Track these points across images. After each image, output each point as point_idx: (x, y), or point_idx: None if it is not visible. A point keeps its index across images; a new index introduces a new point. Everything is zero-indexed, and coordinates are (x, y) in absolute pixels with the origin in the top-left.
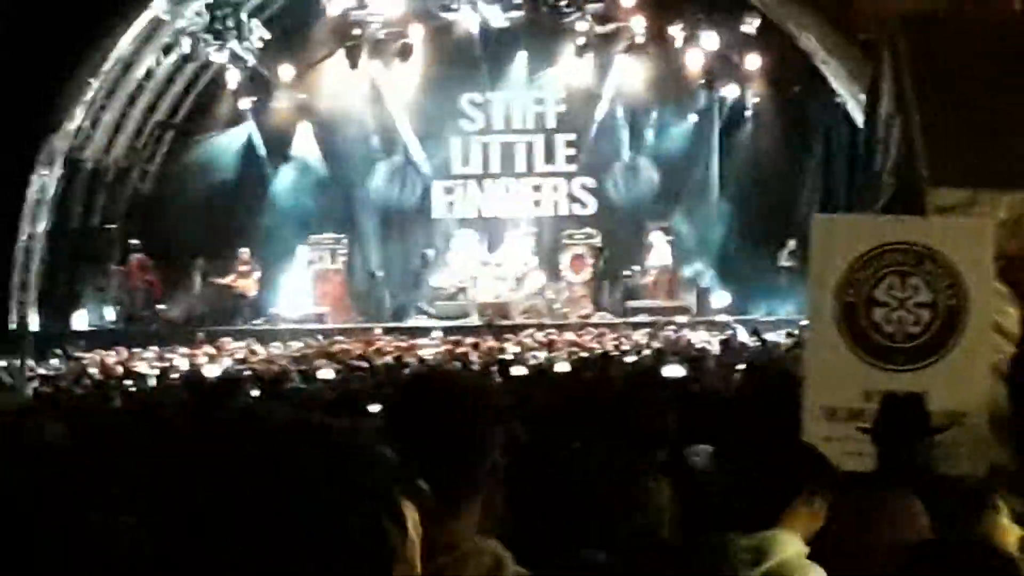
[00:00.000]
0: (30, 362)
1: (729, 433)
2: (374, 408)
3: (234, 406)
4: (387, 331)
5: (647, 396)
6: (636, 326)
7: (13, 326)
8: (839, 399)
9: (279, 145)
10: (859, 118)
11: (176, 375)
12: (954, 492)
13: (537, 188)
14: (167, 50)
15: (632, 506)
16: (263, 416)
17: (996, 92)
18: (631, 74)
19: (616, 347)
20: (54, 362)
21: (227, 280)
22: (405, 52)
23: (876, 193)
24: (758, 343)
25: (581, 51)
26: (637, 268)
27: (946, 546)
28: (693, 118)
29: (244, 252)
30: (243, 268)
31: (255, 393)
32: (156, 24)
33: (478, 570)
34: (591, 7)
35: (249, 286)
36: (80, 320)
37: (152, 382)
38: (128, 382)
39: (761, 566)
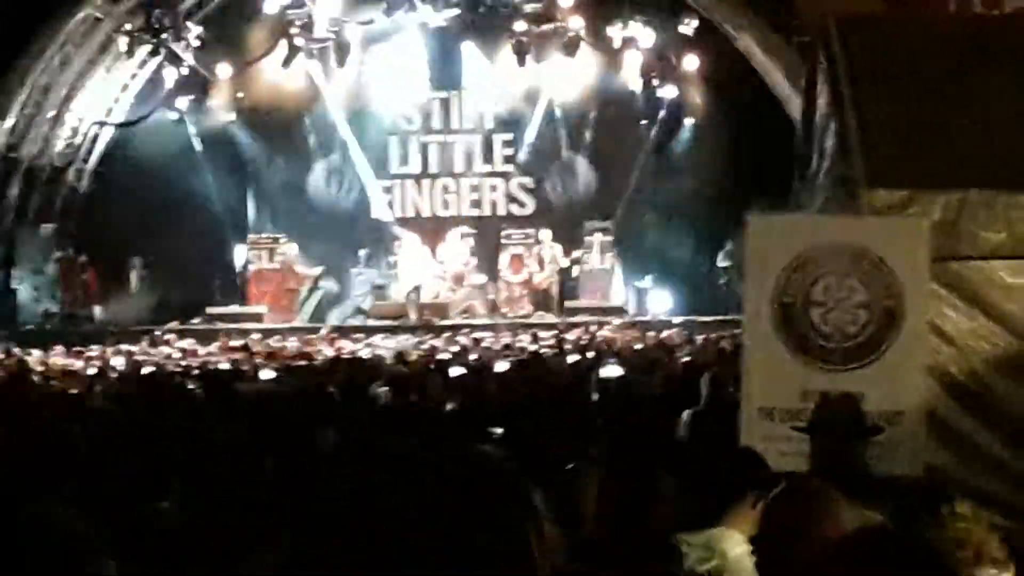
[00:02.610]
0: None
1: (666, 433)
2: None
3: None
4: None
5: (583, 396)
6: (573, 326)
7: None
8: (777, 399)
9: (216, 144)
10: (796, 119)
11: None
12: (893, 492)
13: (475, 188)
14: (103, 48)
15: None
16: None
17: (931, 93)
18: (569, 74)
19: (554, 347)
20: None
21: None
22: (342, 52)
23: (812, 194)
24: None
25: (519, 51)
26: (576, 267)
27: (871, 541)
28: (631, 118)
29: (292, 246)
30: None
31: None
32: (92, 22)
33: None
34: (529, 7)
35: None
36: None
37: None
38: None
39: (709, 563)
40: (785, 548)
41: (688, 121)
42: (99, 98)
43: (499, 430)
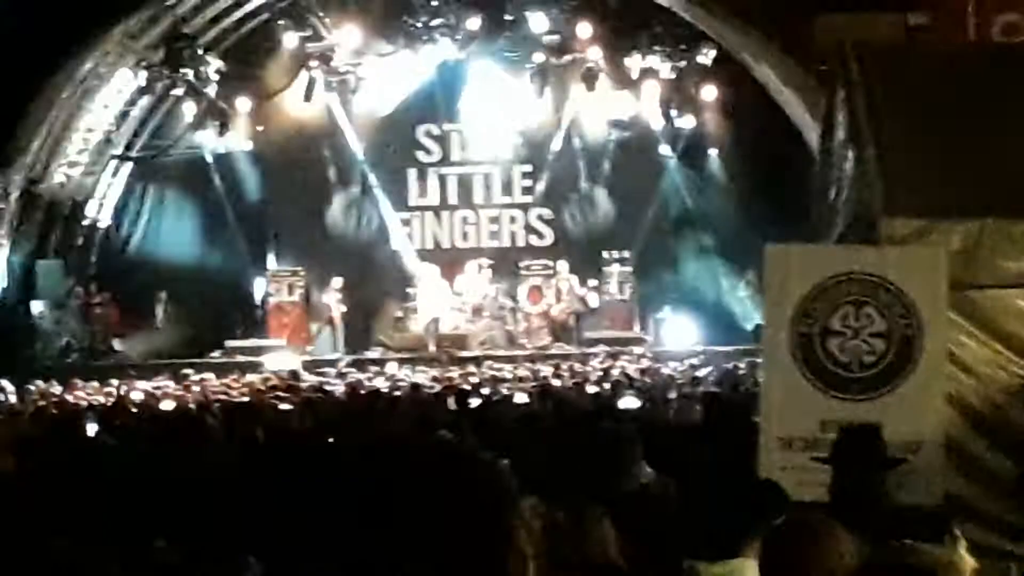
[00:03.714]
0: None
1: (687, 464)
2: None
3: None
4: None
5: (602, 428)
6: (593, 357)
7: None
8: (795, 429)
9: (236, 177)
10: (815, 147)
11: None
12: (911, 521)
13: (494, 219)
14: (123, 84)
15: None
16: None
17: (950, 122)
18: (587, 105)
19: (575, 378)
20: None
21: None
22: (361, 84)
23: (830, 223)
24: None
25: (538, 83)
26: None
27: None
28: (650, 149)
29: (338, 280)
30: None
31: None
32: (112, 57)
33: None
34: (548, 39)
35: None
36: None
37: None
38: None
39: None
40: None
41: (707, 151)
42: (119, 133)
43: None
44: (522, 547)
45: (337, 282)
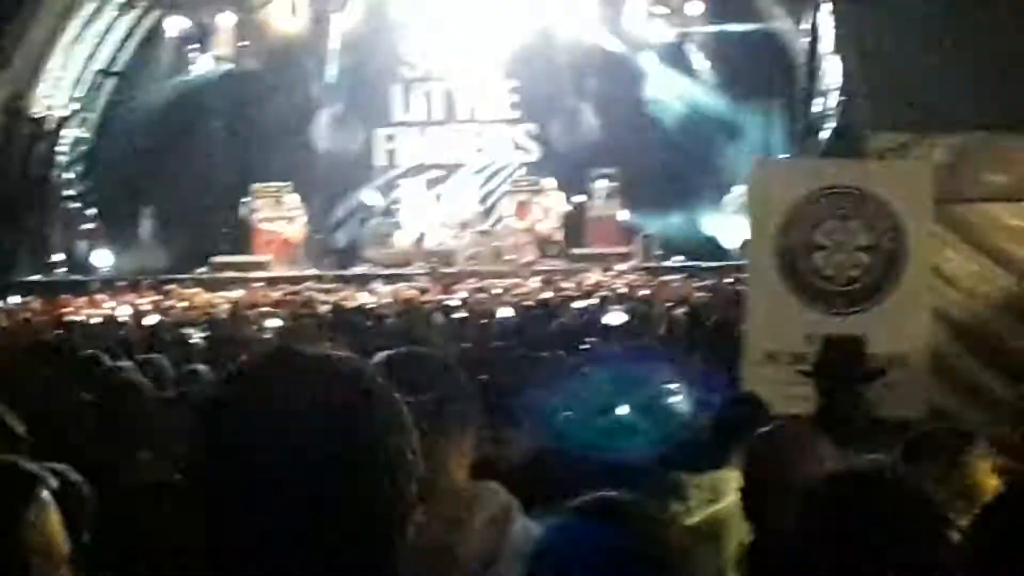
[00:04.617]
0: None
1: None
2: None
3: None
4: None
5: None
6: (579, 272)
7: None
8: (780, 343)
9: (219, 93)
10: (800, 61)
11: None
12: (923, 436)
13: (479, 135)
14: None
15: None
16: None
17: (934, 36)
18: (572, 18)
19: (559, 293)
20: None
21: (273, 227)
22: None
23: (815, 136)
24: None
25: None
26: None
27: (843, 477)
28: (633, 63)
29: (293, 197)
30: (290, 213)
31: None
32: None
33: (489, 512)
34: None
35: (296, 232)
36: (22, 271)
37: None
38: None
39: (716, 505)
40: (765, 490)
41: (690, 61)
42: (102, 48)
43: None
44: None
45: (294, 199)
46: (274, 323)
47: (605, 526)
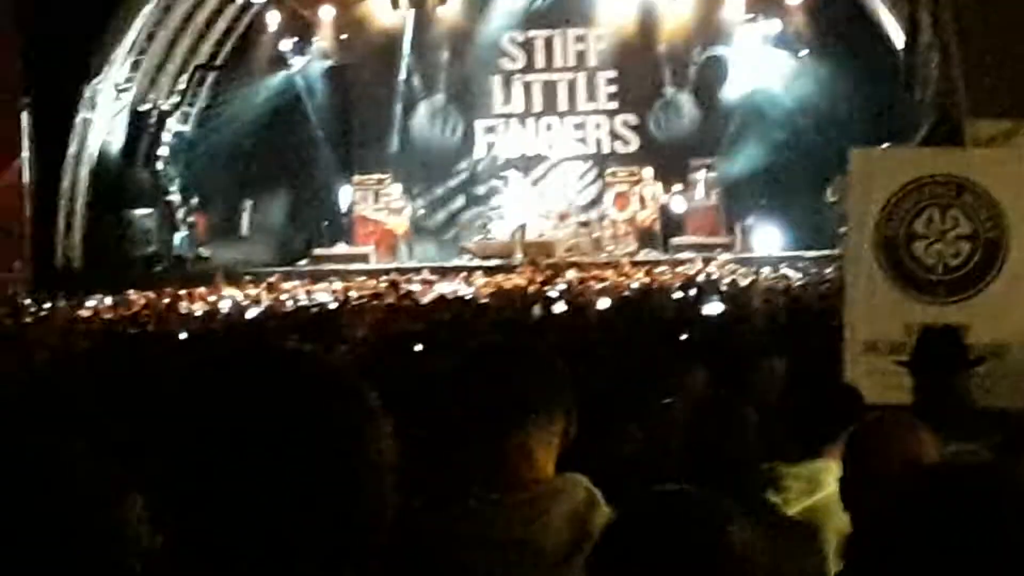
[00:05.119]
0: None
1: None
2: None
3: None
4: (439, 271)
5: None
6: (680, 263)
7: (58, 267)
8: (880, 333)
9: (319, 86)
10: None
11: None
12: (995, 425)
13: (579, 126)
14: None
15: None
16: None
17: None
18: (673, 9)
19: (659, 284)
20: (91, 303)
21: (376, 217)
22: None
23: (915, 125)
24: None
25: None
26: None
27: (945, 469)
28: (735, 53)
29: (396, 188)
30: (394, 204)
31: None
32: None
33: (570, 505)
34: None
35: (400, 224)
36: (127, 262)
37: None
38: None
39: (814, 496)
40: (864, 477)
41: (794, 54)
42: (203, 43)
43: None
44: None
45: (397, 190)
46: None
47: (662, 519)
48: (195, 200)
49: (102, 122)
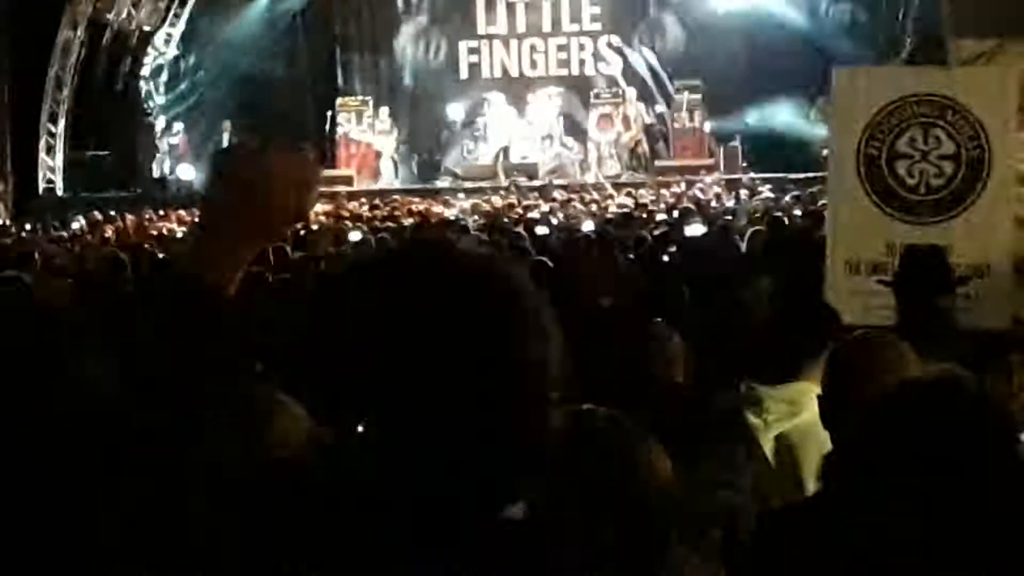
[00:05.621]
0: None
1: (746, 288)
2: None
3: None
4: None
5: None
6: (663, 185)
7: (40, 191)
8: (862, 252)
9: (303, 7)
10: None
11: None
12: (975, 345)
13: (563, 47)
14: None
15: (646, 357)
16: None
17: None
18: None
19: (642, 206)
20: (76, 226)
21: (363, 139)
22: None
23: (898, 44)
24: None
25: None
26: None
27: (923, 386)
28: None
29: (384, 110)
30: (382, 126)
31: None
32: None
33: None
34: None
35: (388, 146)
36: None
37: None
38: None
39: (796, 418)
40: (845, 397)
41: None
42: None
43: None
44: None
45: (384, 112)
46: (355, 236)
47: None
48: (177, 122)
49: (83, 43)
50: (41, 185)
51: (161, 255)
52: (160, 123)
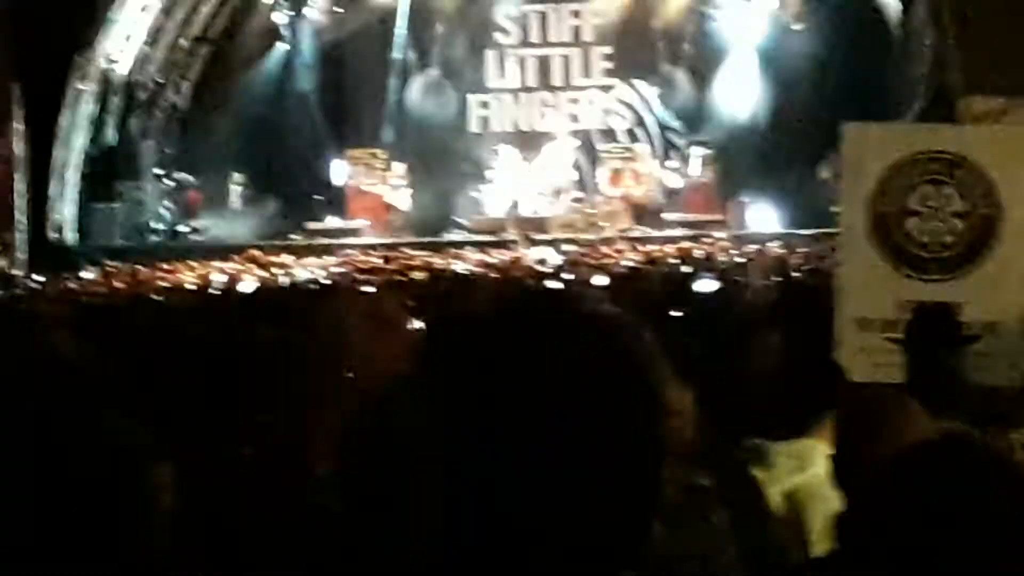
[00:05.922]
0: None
1: (759, 344)
2: None
3: None
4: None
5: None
6: (673, 240)
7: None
8: (873, 310)
9: (313, 59)
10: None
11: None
12: (989, 403)
13: (574, 102)
14: None
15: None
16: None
17: None
18: None
19: (652, 261)
20: (86, 276)
21: (375, 191)
22: None
23: (910, 101)
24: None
25: None
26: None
27: (934, 444)
28: (731, 30)
29: (399, 166)
30: (395, 181)
31: None
32: None
33: None
34: None
35: (400, 200)
36: (117, 236)
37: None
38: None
39: (805, 472)
40: (857, 458)
41: (788, 29)
42: (196, 15)
43: None
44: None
45: (399, 168)
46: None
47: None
48: (187, 174)
49: (94, 94)
50: (50, 234)
51: (170, 305)
52: (170, 174)
